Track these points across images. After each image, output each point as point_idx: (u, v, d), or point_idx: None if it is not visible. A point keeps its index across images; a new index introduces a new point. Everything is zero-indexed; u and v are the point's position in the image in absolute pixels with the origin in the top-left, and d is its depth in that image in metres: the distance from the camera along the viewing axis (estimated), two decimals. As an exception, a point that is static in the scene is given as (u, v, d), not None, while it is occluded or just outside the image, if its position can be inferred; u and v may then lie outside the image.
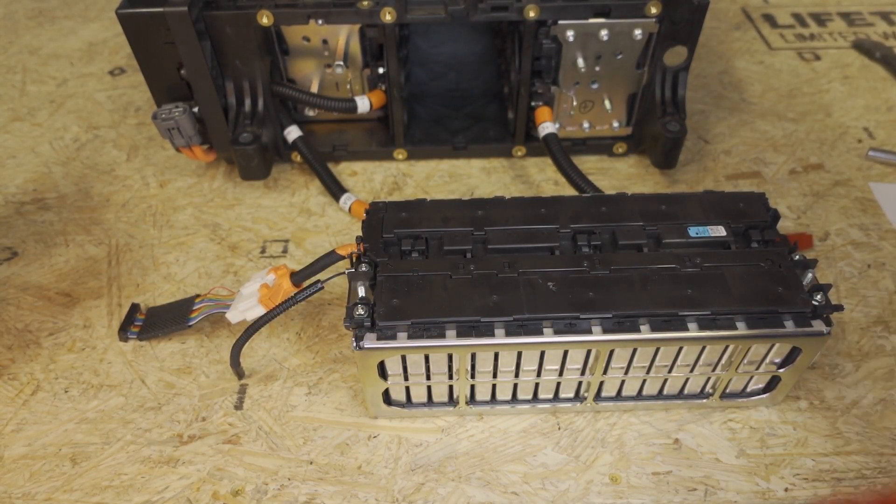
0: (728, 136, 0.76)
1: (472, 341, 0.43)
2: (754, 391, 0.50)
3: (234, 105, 0.66)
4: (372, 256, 0.47)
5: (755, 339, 0.44)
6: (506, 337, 0.43)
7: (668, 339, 0.44)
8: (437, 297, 0.44)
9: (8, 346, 0.56)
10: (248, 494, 0.47)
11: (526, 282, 0.45)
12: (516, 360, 0.46)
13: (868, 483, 0.47)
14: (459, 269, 0.46)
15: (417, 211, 0.50)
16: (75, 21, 1.00)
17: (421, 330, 0.44)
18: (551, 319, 0.44)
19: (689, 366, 0.47)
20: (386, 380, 0.47)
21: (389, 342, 0.43)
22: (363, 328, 0.44)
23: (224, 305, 0.54)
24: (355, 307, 0.44)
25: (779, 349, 0.46)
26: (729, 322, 0.44)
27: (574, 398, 0.50)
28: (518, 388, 0.49)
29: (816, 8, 0.97)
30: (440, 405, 0.50)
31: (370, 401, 0.49)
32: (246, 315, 0.53)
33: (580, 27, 0.62)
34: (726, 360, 0.47)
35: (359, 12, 0.61)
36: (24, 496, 0.47)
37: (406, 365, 0.46)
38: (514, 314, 0.43)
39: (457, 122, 0.75)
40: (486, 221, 0.49)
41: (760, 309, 0.44)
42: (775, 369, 0.48)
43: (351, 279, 0.46)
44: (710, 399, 0.50)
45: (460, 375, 0.47)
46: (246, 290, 0.53)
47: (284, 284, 0.52)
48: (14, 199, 0.70)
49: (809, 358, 0.46)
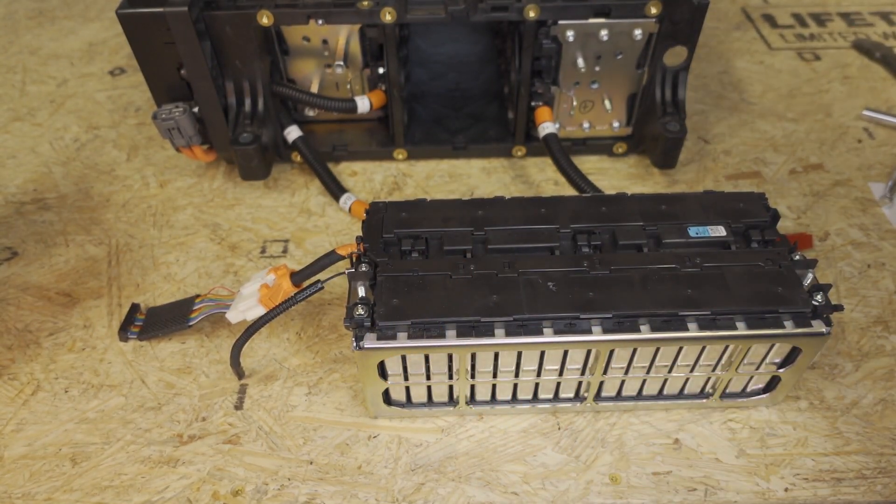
0: (728, 136, 0.76)
1: (472, 341, 0.43)
2: (754, 391, 0.50)
3: (234, 105, 0.66)
4: (372, 256, 0.47)
5: (755, 339, 0.44)
6: (506, 337, 0.43)
7: (668, 339, 0.44)
8: (437, 297, 0.44)
9: (8, 346, 0.56)
10: (248, 494, 0.47)
11: (526, 282, 0.45)
12: (516, 360, 0.46)
13: (868, 483, 0.47)
14: (459, 269, 0.46)
15: (417, 211, 0.50)
16: (75, 21, 1.00)
17: (421, 330, 0.44)
18: (551, 319, 0.44)
19: (689, 366, 0.47)
20: (386, 380, 0.47)
21: (389, 342, 0.43)
22: (363, 328, 0.44)
23: (224, 305, 0.54)
24: (355, 307, 0.44)
25: (779, 349, 0.46)
26: (729, 322, 0.44)
27: (574, 398, 0.50)
28: (518, 388, 0.49)
29: (816, 8, 0.97)
30: (440, 405, 0.50)
31: (370, 401, 0.49)
32: (246, 315, 0.53)
33: (580, 27, 0.62)
34: (726, 360, 0.47)
35: (359, 12, 0.61)
36: (24, 496, 0.47)
37: (406, 365, 0.46)
38: (514, 314, 0.43)
39: (457, 122, 0.75)
40: (486, 221, 0.49)
41: (760, 309, 0.44)
42: (775, 369, 0.48)
43: (351, 279, 0.47)
44: (710, 399, 0.50)
45: (460, 375, 0.47)
46: (246, 291, 0.53)
47: (284, 284, 0.52)
48: (14, 199, 0.70)
49: (809, 358, 0.46)
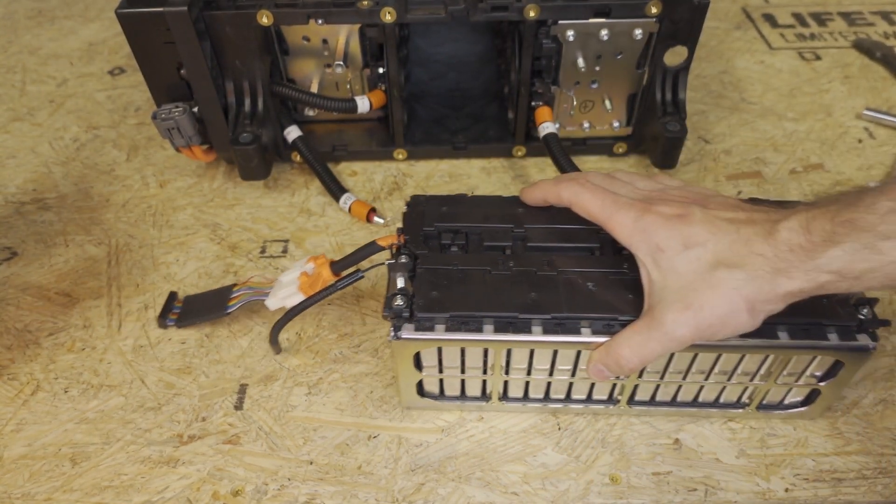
0: (728, 135, 0.76)
1: (510, 337, 0.43)
2: (792, 403, 0.49)
3: (234, 105, 0.66)
4: (412, 248, 0.47)
5: (797, 349, 0.43)
6: (543, 335, 0.43)
7: (706, 345, 0.43)
8: (476, 292, 0.44)
9: (7, 346, 0.56)
10: (248, 494, 0.47)
11: (566, 280, 0.45)
12: (552, 358, 0.46)
13: (868, 483, 0.47)
14: (499, 265, 0.46)
15: (458, 206, 0.50)
16: (75, 21, 1.00)
17: (459, 323, 0.44)
18: (590, 320, 0.43)
19: (727, 374, 0.47)
20: (421, 371, 0.47)
21: (427, 333, 0.43)
22: (401, 318, 0.44)
23: (263, 293, 0.54)
24: (394, 297, 0.44)
25: (820, 362, 0.45)
26: (771, 331, 0.43)
27: (607, 401, 0.50)
28: (551, 387, 0.49)
29: (817, 7, 0.97)
30: (472, 399, 0.50)
31: (404, 392, 0.49)
32: (285, 302, 0.53)
33: (580, 27, 0.62)
34: (765, 370, 0.46)
35: (359, 12, 0.61)
36: (24, 496, 0.47)
37: (441, 357, 0.46)
38: (552, 312, 0.43)
39: (457, 122, 0.75)
40: (526, 219, 0.49)
41: (804, 320, 0.43)
42: (815, 382, 0.47)
43: (390, 270, 0.46)
44: (746, 409, 0.49)
45: (495, 371, 0.46)
46: (285, 279, 0.53)
47: (324, 273, 0.52)
48: (14, 199, 0.70)
49: (852, 373, 0.45)
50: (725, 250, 0.39)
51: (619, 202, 0.43)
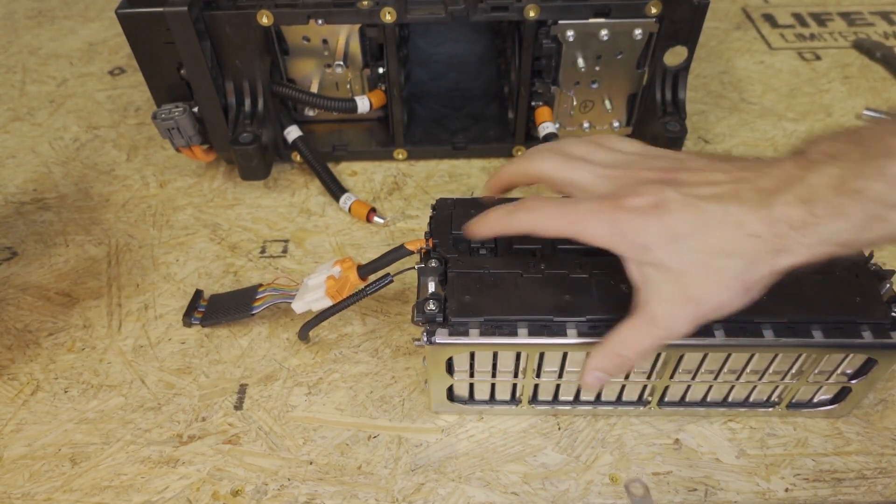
0: (728, 136, 0.76)
1: (545, 340, 0.43)
2: (821, 402, 0.49)
3: (234, 105, 0.66)
4: (442, 252, 0.47)
5: (831, 348, 0.43)
6: (578, 337, 0.43)
7: (742, 345, 0.43)
8: (509, 295, 0.44)
9: (7, 346, 0.56)
10: (247, 495, 0.47)
11: (599, 283, 0.45)
12: (584, 361, 0.46)
13: (868, 483, 0.47)
14: (530, 268, 0.45)
15: (485, 209, 0.50)
16: (75, 21, 1.00)
17: (493, 327, 0.43)
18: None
19: (759, 373, 0.46)
20: (452, 375, 0.47)
21: (461, 338, 0.43)
22: (435, 323, 0.43)
23: (289, 296, 0.54)
24: (426, 302, 0.43)
25: (852, 360, 0.45)
26: (805, 330, 0.43)
27: (637, 402, 0.50)
28: (581, 390, 0.49)
29: (817, 8, 0.97)
30: (502, 403, 0.50)
31: (434, 396, 0.49)
32: (312, 306, 0.53)
33: (580, 27, 0.62)
34: (797, 369, 0.46)
35: (359, 12, 0.61)
36: (24, 496, 0.47)
37: (473, 362, 0.46)
38: (587, 314, 0.43)
39: (457, 122, 0.75)
40: None
41: (838, 318, 0.43)
42: (846, 380, 0.47)
43: (421, 274, 0.46)
44: (776, 409, 0.49)
45: (527, 374, 0.46)
46: (312, 282, 0.53)
47: (352, 277, 0.52)
48: (14, 199, 0.70)
49: (884, 370, 0.45)
50: (717, 237, 0.36)
51: (580, 210, 0.39)
